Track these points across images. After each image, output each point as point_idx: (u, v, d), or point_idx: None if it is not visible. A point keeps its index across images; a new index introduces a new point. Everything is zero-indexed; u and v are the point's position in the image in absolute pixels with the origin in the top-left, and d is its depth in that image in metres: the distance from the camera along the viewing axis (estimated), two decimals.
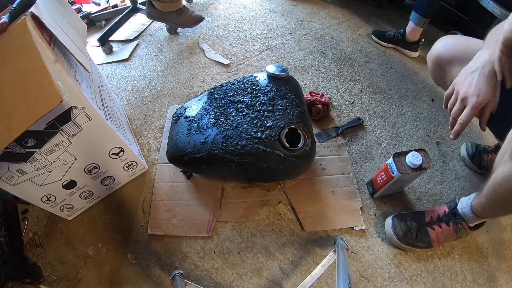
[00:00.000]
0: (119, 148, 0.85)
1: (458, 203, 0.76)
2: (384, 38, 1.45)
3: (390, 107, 1.20)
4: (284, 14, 1.66)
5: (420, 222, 0.80)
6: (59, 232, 0.90)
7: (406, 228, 0.80)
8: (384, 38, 1.45)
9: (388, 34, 1.43)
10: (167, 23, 1.41)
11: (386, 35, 1.44)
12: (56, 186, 0.77)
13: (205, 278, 0.81)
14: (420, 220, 0.81)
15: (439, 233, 0.78)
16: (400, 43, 1.41)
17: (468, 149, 1.02)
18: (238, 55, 1.42)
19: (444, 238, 0.78)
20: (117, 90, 1.30)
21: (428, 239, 0.79)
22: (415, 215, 0.82)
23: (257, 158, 0.78)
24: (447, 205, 0.79)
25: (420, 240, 0.79)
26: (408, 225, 0.80)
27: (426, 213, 0.82)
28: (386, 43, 1.45)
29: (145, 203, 0.95)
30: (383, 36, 1.45)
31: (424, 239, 0.79)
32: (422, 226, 0.80)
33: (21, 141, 0.61)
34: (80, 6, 1.62)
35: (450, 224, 0.76)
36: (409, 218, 0.82)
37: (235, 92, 0.90)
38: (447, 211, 0.78)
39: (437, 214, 0.79)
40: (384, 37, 1.45)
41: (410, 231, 0.80)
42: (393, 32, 1.42)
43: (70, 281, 0.82)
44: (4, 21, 0.61)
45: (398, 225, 0.81)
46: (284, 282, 0.80)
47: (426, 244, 0.79)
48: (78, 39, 0.71)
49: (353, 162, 1.03)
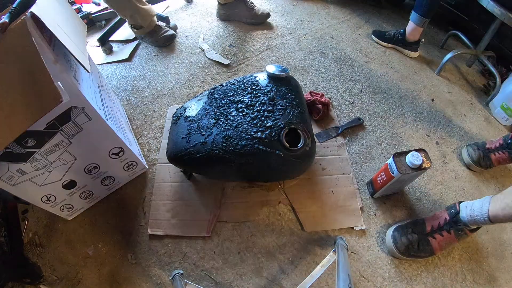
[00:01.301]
0: (119, 148, 0.85)
1: (460, 210, 0.75)
2: (384, 38, 1.45)
3: (390, 107, 1.20)
4: (284, 14, 1.66)
5: (421, 233, 0.79)
6: (59, 232, 0.90)
7: (407, 242, 0.79)
8: (384, 38, 1.45)
9: (388, 34, 1.43)
10: (145, 43, 1.55)
11: (386, 35, 1.44)
12: (56, 186, 0.77)
13: (205, 278, 0.81)
14: (421, 230, 0.80)
15: (441, 241, 0.77)
16: (400, 43, 1.41)
17: (471, 155, 1.01)
18: (238, 55, 1.42)
19: (446, 245, 0.77)
20: (117, 90, 1.30)
21: (430, 248, 0.78)
22: (415, 225, 0.81)
23: (257, 158, 0.78)
24: (448, 212, 0.78)
25: (422, 250, 0.78)
26: (409, 239, 0.79)
27: (427, 222, 0.80)
28: (386, 43, 1.45)
29: (145, 203, 0.95)
30: (383, 36, 1.45)
31: (426, 249, 0.78)
32: (423, 237, 0.79)
33: (21, 141, 0.61)
34: (80, 6, 1.62)
35: (452, 231, 0.76)
36: (410, 230, 0.80)
37: (235, 92, 0.90)
38: (448, 219, 0.77)
39: (437, 223, 0.78)
40: (384, 37, 1.45)
41: (412, 244, 0.78)
42: (393, 32, 1.42)
43: (70, 281, 0.82)
44: (4, 21, 0.61)
45: (399, 240, 0.80)
46: (284, 282, 0.80)
47: (429, 253, 0.79)
48: (78, 39, 0.71)
49: (353, 162, 1.03)
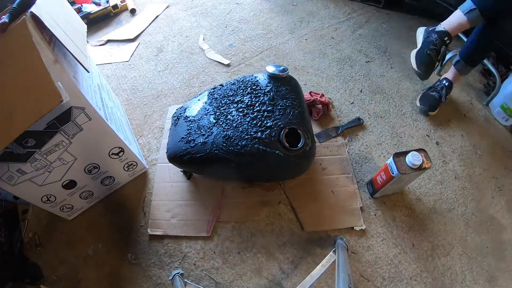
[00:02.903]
0: (119, 148, 0.85)
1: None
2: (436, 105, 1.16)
3: (390, 107, 1.20)
4: (284, 14, 1.66)
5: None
6: (59, 232, 0.90)
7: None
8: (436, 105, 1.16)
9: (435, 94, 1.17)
10: None
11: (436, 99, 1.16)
12: (56, 186, 0.77)
13: (205, 278, 0.81)
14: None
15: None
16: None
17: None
18: (238, 55, 1.41)
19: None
20: (117, 90, 1.30)
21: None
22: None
23: (257, 158, 0.78)
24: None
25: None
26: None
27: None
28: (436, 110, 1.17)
29: (145, 203, 0.95)
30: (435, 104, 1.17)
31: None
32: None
33: (21, 141, 0.61)
34: (80, 6, 1.62)
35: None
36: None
37: (235, 92, 0.90)
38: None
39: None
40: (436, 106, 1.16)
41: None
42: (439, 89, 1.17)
43: (70, 281, 0.82)
44: (4, 21, 0.61)
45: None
46: (284, 282, 0.80)
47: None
48: (78, 39, 0.71)
49: (353, 162, 1.03)
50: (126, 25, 1.62)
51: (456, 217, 0.92)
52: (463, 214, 0.93)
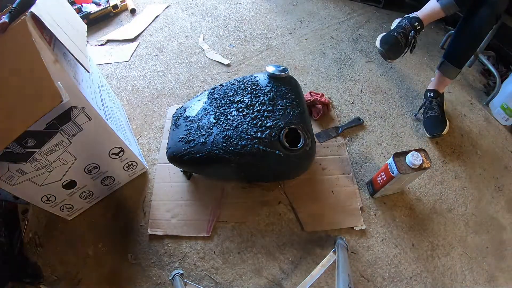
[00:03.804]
0: (119, 148, 0.85)
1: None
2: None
3: (390, 107, 1.20)
4: (284, 14, 1.66)
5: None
6: (59, 232, 0.90)
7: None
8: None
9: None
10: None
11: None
12: (56, 186, 0.77)
13: (205, 278, 0.81)
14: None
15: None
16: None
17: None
18: (238, 55, 1.41)
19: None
20: (117, 90, 1.30)
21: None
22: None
23: (257, 158, 0.78)
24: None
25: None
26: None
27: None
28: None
29: (145, 203, 0.95)
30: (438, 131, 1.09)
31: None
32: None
33: (21, 141, 0.61)
34: (80, 6, 1.62)
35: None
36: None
37: (235, 92, 0.90)
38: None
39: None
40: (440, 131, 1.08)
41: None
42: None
43: (70, 281, 0.82)
44: (4, 21, 0.61)
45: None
46: (284, 282, 0.80)
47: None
48: (78, 39, 0.71)
49: (353, 162, 1.03)
50: (126, 25, 1.62)
51: (456, 217, 0.92)
52: (463, 214, 0.93)
